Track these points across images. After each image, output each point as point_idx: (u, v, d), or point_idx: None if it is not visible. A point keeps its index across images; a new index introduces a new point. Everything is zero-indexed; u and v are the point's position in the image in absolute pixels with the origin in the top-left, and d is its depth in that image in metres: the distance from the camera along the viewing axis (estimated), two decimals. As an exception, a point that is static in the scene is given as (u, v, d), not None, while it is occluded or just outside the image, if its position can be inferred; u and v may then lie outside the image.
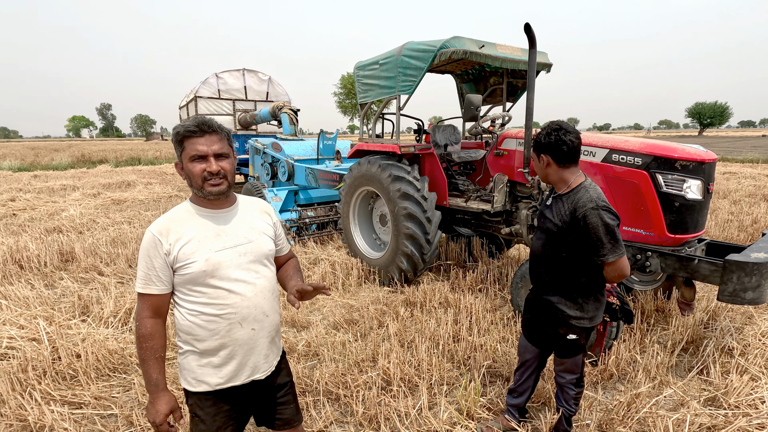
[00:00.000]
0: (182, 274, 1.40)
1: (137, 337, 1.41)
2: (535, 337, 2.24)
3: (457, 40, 3.96)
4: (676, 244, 3.15)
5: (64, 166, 20.85)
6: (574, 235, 1.91)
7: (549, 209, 2.04)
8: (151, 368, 1.41)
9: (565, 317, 2.02)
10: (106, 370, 3.00)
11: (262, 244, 1.54)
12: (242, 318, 1.46)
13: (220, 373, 1.46)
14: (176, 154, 1.44)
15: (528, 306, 2.27)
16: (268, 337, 1.54)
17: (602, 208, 1.83)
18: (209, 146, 1.39)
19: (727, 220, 6.91)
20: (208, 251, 1.41)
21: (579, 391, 2.19)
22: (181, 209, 1.47)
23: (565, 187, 1.98)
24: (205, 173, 1.39)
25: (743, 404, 2.49)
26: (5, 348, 3.16)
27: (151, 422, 1.43)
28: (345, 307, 4.09)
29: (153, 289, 1.40)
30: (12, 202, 9.93)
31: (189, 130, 1.38)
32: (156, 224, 1.41)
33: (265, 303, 1.52)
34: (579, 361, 2.12)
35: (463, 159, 4.84)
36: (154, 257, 1.38)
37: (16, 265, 5.08)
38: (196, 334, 1.44)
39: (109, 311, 3.74)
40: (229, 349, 1.45)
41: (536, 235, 2.14)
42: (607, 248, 1.83)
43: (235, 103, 10.53)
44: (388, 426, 2.40)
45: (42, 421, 2.42)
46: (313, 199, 7.19)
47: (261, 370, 1.54)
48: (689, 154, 3.05)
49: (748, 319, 3.67)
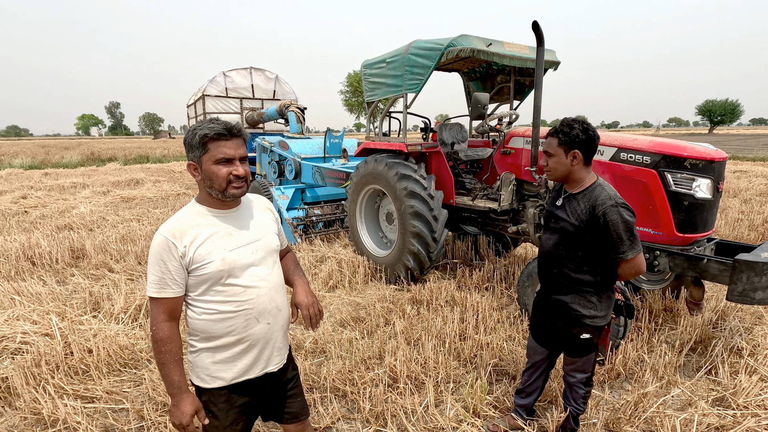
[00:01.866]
0: (198, 274, 1.41)
1: (155, 342, 1.40)
2: (544, 339, 2.23)
3: (464, 39, 3.95)
4: (684, 243, 3.13)
5: (74, 164, 21.11)
6: (592, 234, 1.90)
7: (561, 209, 2.01)
8: (171, 371, 1.40)
9: (579, 317, 2.01)
10: (117, 365, 3.05)
11: (270, 240, 1.59)
12: (258, 313, 1.49)
13: (236, 368, 1.49)
14: (193, 154, 1.42)
15: (537, 308, 2.26)
16: (281, 330, 1.59)
17: (621, 206, 1.84)
18: (236, 150, 1.42)
19: (737, 219, 6.83)
20: (223, 250, 1.44)
21: (588, 390, 2.18)
22: (190, 210, 1.47)
23: (579, 186, 1.97)
24: (231, 176, 1.42)
25: (752, 405, 2.48)
26: (19, 343, 3.22)
27: (177, 424, 1.42)
28: (352, 304, 4.11)
29: (168, 293, 1.39)
30: (24, 199, 10.08)
31: (218, 132, 1.38)
32: (167, 227, 1.40)
33: (278, 297, 1.57)
34: (591, 359, 2.11)
35: (470, 157, 4.83)
36: (169, 260, 1.37)
37: (29, 262, 5.17)
38: (212, 332, 1.46)
39: (120, 307, 3.79)
40: (245, 344, 1.49)
41: (546, 235, 2.12)
42: (626, 245, 1.84)
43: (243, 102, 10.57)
44: (394, 423, 2.42)
45: (55, 414, 2.47)
46: (319, 197, 7.21)
47: (274, 362, 1.58)
48: (699, 152, 3.02)
49: (758, 319, 3.64)
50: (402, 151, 4.56)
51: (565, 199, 2.02)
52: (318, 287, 4.52)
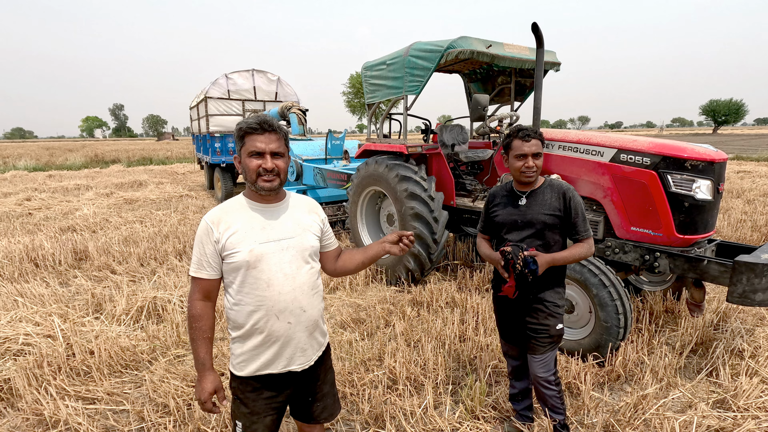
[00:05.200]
0: (228, 262, 1.48)
1: (188, 317, 1.51)
2: (514, 337, 2.26)
3: (464, 40, 3.96)
4: (685, 244, 3.12)
5: (77, 166, 21.24)
6: (564, 219, 2.07)
7: (528, 207, 2.10)
8: (199, 347, 1.50)
9: (554, 308, 2.10)
10: (119, 366, 3.07)
11: (305, 240, 1.58)
12: (279, 311, 1.51)
13: (258, 361, 1.53)
14: (237, 147, 1.52)
15: (503, 307, 2.26)
16: (305, 331, 1.58)
17: (575, 190, 2.11)
18: (267, 144, 1.47)
19: (740, 219, 6.80)
20: (253, 242, 1.48)
21: (560, 390, 2.18)
22: (235, 201, 1.56)
23: (537, 183, 2.14)
24: (260, 169, 1.47)
25: (753, 407, 2.46)
26: (21, 344, 3.24)
27: (197, 399, 1.52)
28: (352, 306, 4.12)
29: (203, 274, 1.48)
30: (28, 201, 10.15)
31: (251, 126, 1.46)
32: (210, 213, 1.51)
33: (303, 298, 1.56)
34: (555, 354, 2.18)
35: (471, 159, 4.83)
36: (206, 244, 1.47)
37: (32, 264, 5.21)
38: (239, 322, 1.52)
39: (122, 309, 3.82)
40: (266, 339, 1.52)
41: (513, 235, 2.13)
42: (587, 224, 2.09)
43: (245, 104, 10.61)
44: (393, 424, 2.42)
45: (57, 415, 2.49)
46: (321, 199, 7.23)
47: (297, 362, 1.58)
48: (699, 153, 3.02)
49: (760, 320, 3.63)
50: (402, 152, 4.57)
51: (528, 197, 2.12)
52: (319, 289, 4.53)
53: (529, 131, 2.05)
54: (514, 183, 2.18)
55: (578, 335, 3.13)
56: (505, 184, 2.26)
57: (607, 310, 2.90)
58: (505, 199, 2.19)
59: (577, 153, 3.52)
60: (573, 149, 3.55)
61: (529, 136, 2.04)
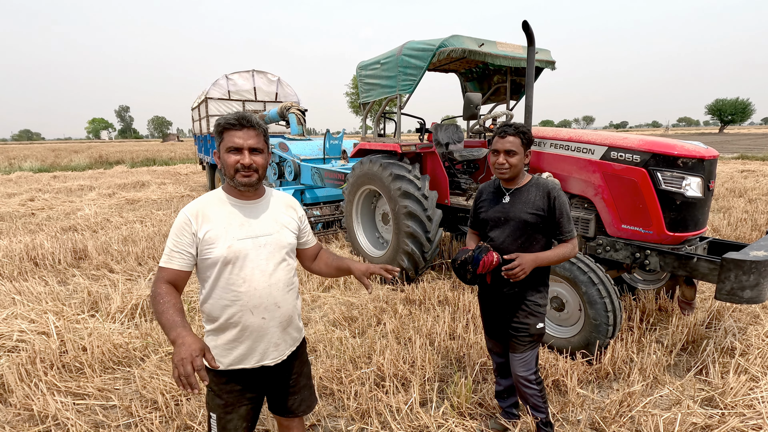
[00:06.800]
0: (205, 257, 1.48)
1: (152, 298, 1.39)
2: (500, 334, 2.27)
3: (455, 39, 3.96)
4: (675, 242, 3.10)
5: (82, 167, 21.42)
6: (547, 219, 2.04)
7: (511, 204, 2.08)
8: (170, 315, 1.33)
9: (535, 307, 2.09)
10: (111, 363, 3.10)
11: (282, 237, 1.60)
12: (254, 306, 1.52)
13: (231, 355, 1.54)
14: (216, 143, 1.53)
15: (487, 303, 2.27)
16: (279, 327, 1.59)
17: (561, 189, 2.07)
18: (245, 140, 1.47)
19: (741, 218, 6.75)
20: (231, 239, 1.49)
21: (541, 388, 2.17)
22: (214, 196, 1.56)
23: (521, 180, 2.12)
24: (238, 165, 1.48)
25: (740, 404, 2.45)
26: (16, 341, 3.28)
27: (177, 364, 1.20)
28: (345, 304, 4.14)
29: (174, 264, 1.46)
30: (31, 201, 10.26)
31: (229, 122, 1.47)
32: (189, 206, 1.51)
33: (278, 294, 1.57)
34: (537, 353, 2.17)
35: (465, 157, 4.84)
36: (182, 235, 1.47)
37: (32, 263, 5.26)
38: (213, 315, 1.53)
39: (116, 307, 3.85)
40: (239, 333, 1.52)
41: (496, 233, 2.12)
42: (572, 224, 2.06)
43: (245, 104, 10.66)
44: (379, 421, 2.43)
45: (46, 410, 2.52)
46: (319, 199, 7.26)
47: (270, 357, 1.59)
48: (688, 150, 3.01)
49: (754, 318, 3.60)
50: (396, 151, 4.58)
51: (511, 195, 2.10)
52: (313, 288, 4.55)
53: (507, 128, 2.04)
54: (501, 180, 2.18)
55: (568, 333, 3.13)
56: (493, 181, 2.26)
57: (596, 308, 2.89)
58: (492, 195, 2.20)
59: (568, 151, 3.52)
60: (564, 147, 3.55)
61: (505, 133, 2.03)
